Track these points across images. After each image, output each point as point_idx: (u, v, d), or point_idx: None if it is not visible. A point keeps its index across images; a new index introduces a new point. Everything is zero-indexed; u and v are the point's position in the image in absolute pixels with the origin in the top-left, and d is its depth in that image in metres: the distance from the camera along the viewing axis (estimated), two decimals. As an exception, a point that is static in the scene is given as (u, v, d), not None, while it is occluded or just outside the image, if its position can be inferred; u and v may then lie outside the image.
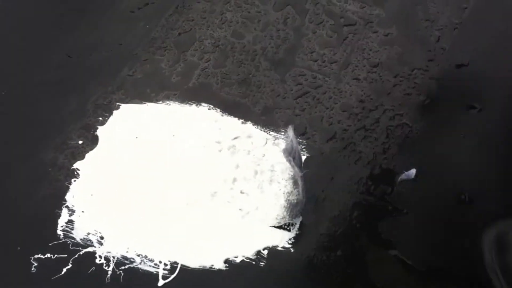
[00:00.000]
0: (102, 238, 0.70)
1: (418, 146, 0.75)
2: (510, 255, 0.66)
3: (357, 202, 0.71)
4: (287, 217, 0.69)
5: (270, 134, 0.77)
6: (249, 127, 0.77)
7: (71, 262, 0.68)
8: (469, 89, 0.79)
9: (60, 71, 0.84)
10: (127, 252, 0.69)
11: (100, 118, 0.79)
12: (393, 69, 0.81)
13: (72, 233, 0.70)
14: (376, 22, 0.85)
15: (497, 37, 0.82)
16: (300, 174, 0.65)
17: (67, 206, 0.72)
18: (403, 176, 0.73)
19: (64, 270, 0.68)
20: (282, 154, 0.65)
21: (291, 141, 0.64)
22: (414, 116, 0.77)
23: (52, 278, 0.68)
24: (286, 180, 0.69)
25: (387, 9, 0.86)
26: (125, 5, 0.90)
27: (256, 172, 0.72)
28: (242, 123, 0.78)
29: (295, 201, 0.68)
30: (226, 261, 0.68)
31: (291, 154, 0.64)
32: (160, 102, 0.80)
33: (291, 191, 0.68)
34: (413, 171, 0.74)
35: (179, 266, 0.68)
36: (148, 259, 0.69)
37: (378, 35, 0.84)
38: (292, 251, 0.68)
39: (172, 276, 0.68)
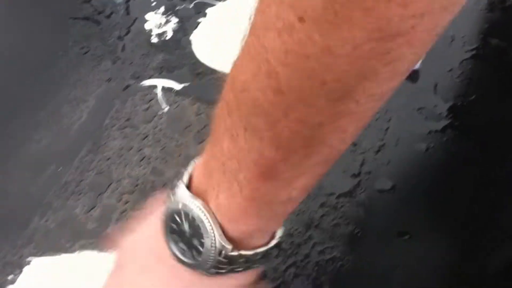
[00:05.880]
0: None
1: (350, 282, 0.72)
2: None
3: None
4: None
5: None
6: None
7: None
8: (397, 214, 0.78)
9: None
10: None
11: (9, 278, 0.72)
12: (317, 198, 0.79)
13: None
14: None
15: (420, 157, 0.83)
16: None
17: None
18: None
19: None
20: None
21: None
22: (344, 248, 0.74)
23: None
24: None
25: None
26: (33, 149, 0.85)
27: None
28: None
29: None
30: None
31: None
32: (77, 252, 0.74)
33: None
34: None
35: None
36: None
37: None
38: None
39: None
